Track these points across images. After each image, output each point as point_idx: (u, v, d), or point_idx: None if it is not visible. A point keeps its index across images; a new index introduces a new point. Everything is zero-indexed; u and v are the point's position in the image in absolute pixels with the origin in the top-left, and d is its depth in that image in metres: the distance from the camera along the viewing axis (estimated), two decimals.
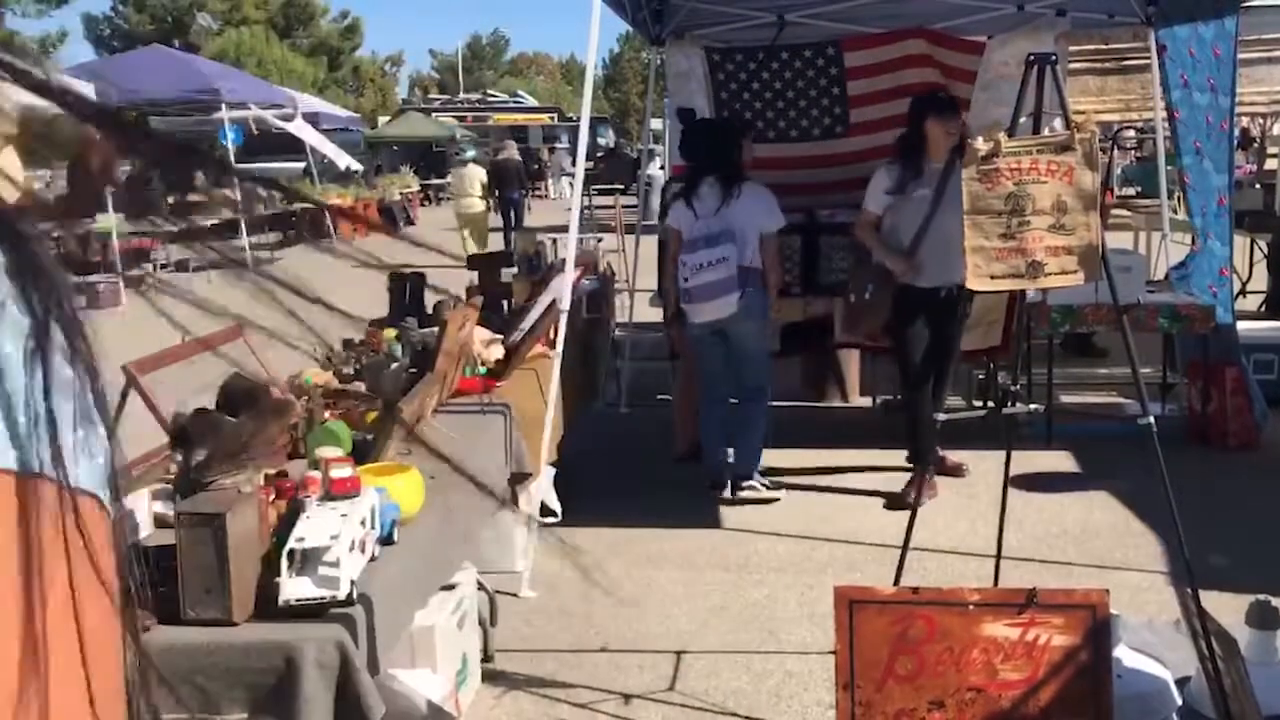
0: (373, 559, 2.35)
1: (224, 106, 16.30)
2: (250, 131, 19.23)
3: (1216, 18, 6.05)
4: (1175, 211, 9.16)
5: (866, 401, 7.16)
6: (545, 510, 4.99)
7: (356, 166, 21.34)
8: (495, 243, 15.66)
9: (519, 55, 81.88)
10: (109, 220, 13.95)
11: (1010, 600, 2.91)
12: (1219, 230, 6.22)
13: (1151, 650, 3.55)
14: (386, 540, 2.46)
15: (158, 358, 3.22)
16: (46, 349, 0.43)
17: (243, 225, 16.26)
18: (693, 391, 5.92)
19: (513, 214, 18.28)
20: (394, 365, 3.83)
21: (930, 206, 5.18)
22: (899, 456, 6.04)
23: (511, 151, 18.99)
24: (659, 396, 6.90)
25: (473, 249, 15.75)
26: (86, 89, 12.79)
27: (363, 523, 2.28)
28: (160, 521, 2.55)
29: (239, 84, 17.50)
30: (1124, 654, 3.29)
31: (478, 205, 16.48)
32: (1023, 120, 3.45)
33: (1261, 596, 3.50)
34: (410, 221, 25.18)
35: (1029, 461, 5.74)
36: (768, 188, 5.54)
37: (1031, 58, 3.38)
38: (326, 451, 2.88)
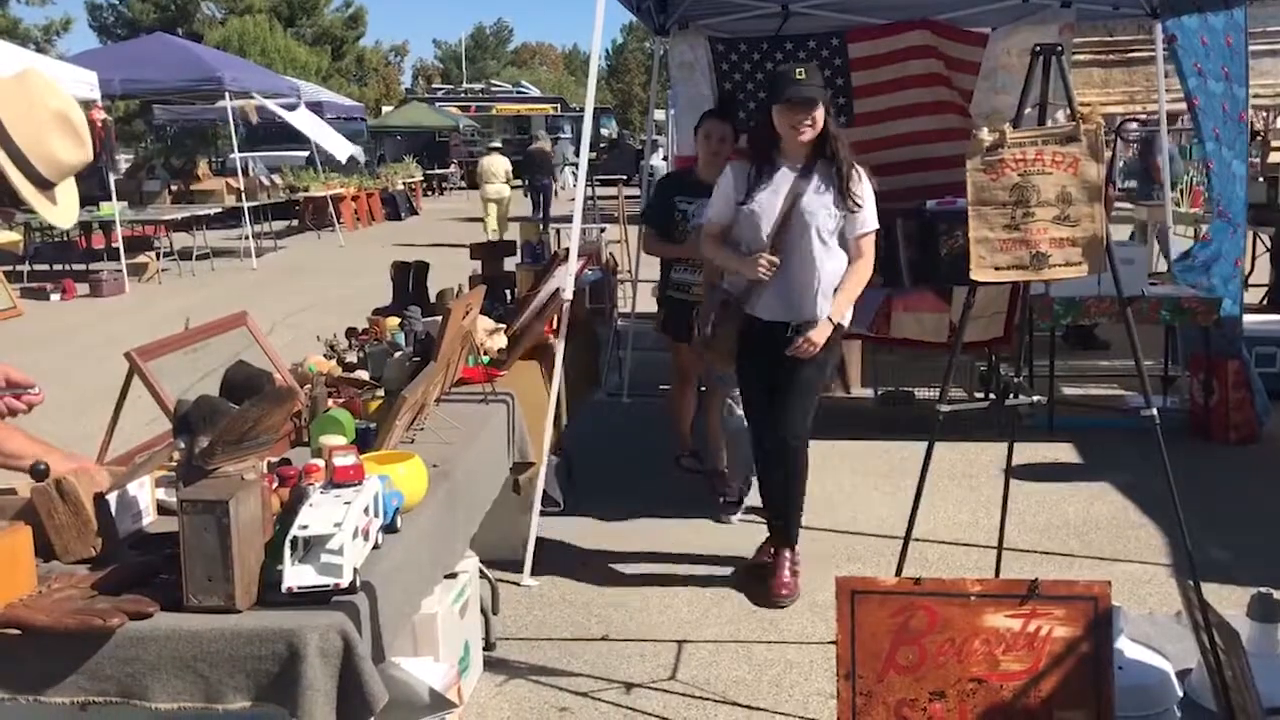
0: (376, 547, 2.35)
1: (227, 95, 16.27)
2: (250, 121, 19.21)
3: (1225, 8, 6.03)
4: (1178, 204, 9.16)
5: (869, 392, 7.16)
6: (548, 499, 5.00)
7: (360, 156, 21.31)
8: (514, 230, 16.15)
9: (522, 45, 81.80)
10: (112, 208, 13.97)
11: (1012, 591, 2.91)
12: (1239, 213, 6.19)
13: (1153, 642, 3.55)
14: (390, 528, 2.46)
15: (161, 344, 3.21)
16: None
17: (246, 214, 16.32)
18: (688, 393, 5.90)
19: (541, 198, 19.76)
20: (397, 354, 3.83)
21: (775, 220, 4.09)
22: (900, 448, 6.05)
23: (543, 142, 20.87)
24: (661, 387, 6.89)
25: (494, 228, 16.99)
26: (89, 77, 12.80)
27: (366, 510, 2.28)
28: (163, 509, 2.55)
29: (242, 73, 17.47)
30: (1125, 646, 3.30)
31: (503, 190, 17.88)
32: (1028, 111, 3.44)
33: (1263, 589, 3.51)
34: (414, 211, 25.18)
35: (1031, 453, 5.75)
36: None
37: (1038, 48, 3.37)
38: (330, 439, 2.89)
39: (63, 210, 2.35)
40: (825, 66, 6.47)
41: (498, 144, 19.97)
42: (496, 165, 17.93)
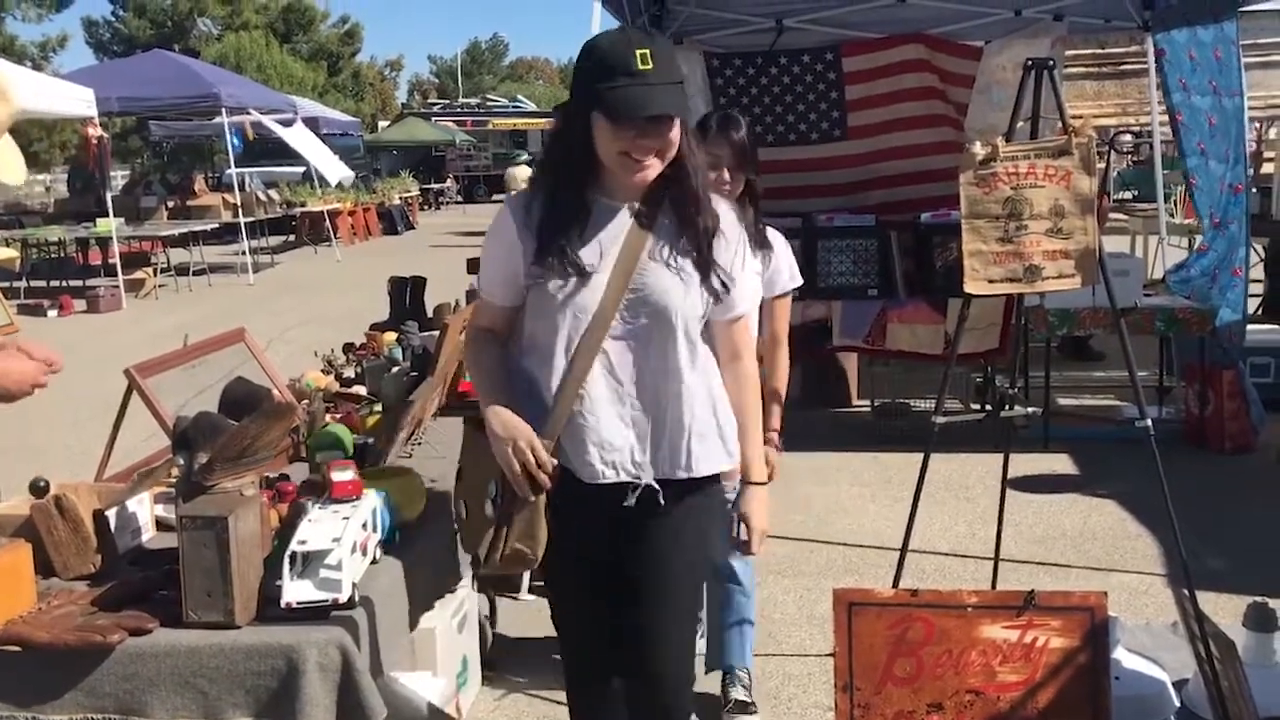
0: (374, 562, 2.36)
1: (224, 111, 16.31)
2: (247, 137, 19.25)
3: (1214, 22, 6.06)
4: (1172, 215, 9.18)
5: (865, 404, 7.18)
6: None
7: (346, 182, 21.35)
8: None
9: (518, 60, 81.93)
10: (109, 224, 13.99)
11: (1008, 602, 2.92)
12: (1236, 216, 6.20)
13: (1149, 652, 3.56)
14: (388, 543, 2.47)
15: (160, 361, 3.23)
16: None
17: (243, 229, 16.34)
18: None
19: None
20: (394, 369, 3.84)
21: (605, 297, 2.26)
22: (897, 459, 6.06)
23: None
24: None
25: None
26: (86, 94, 12.83)
27: (364, 526, 2.29)
28: (162, 525, 2.56)
29: (239, 89, 17.52)
30: (1122, 656, 3.31)
31: None
32: (1020, 124, 3.46)
33: (1259, 598, 3.52)
34: (410, 225, 25.21)
35: (1027, 464, 5.76)
36: (767, 191, 5.55)
37: (1030, 62, 3.40)
38: (328, 455, 2.90)
39: (8, 167, 2.37)
40: (819, 80, 6.51)
41: (526, 157, 22.67)
42: (521, 175, 21.21)
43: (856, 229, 6.35)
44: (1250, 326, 7.35)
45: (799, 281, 3.38)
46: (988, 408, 6.58)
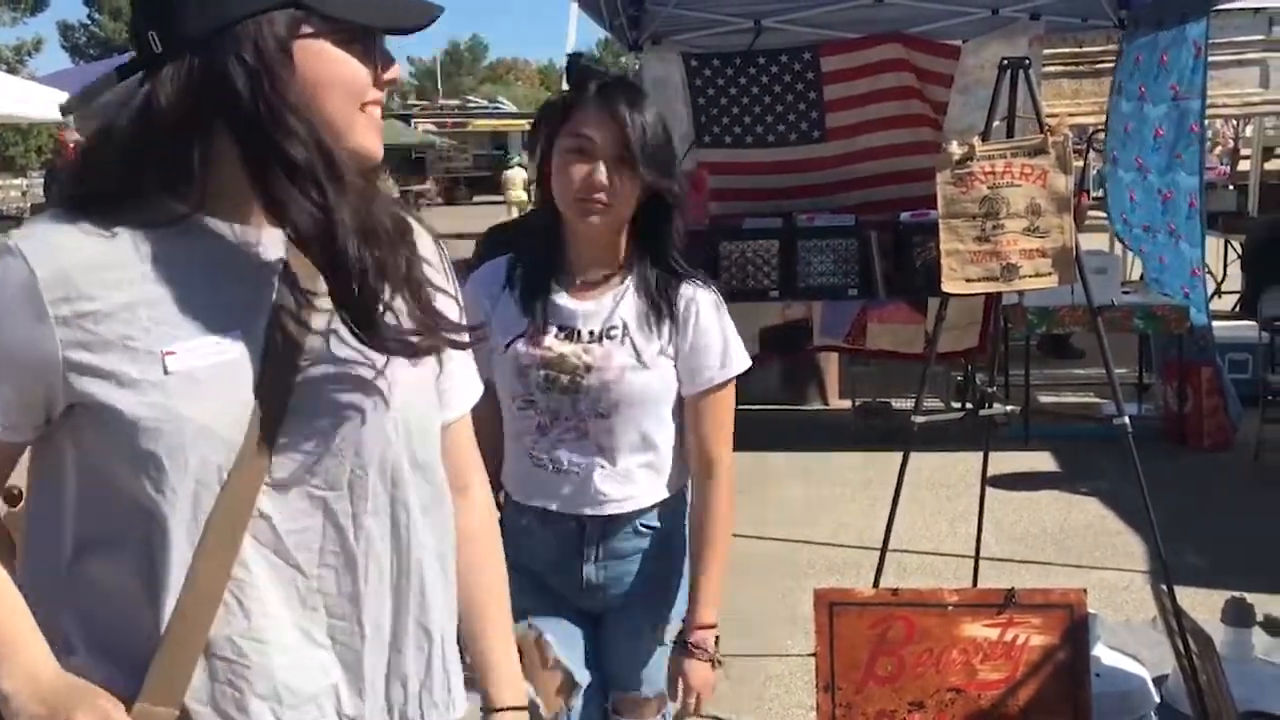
0: None
1: None
2: None
3: (1180, 23, 6.10)
4: None
5: (846, 404, 7.19)
6: None
7: None
8: None
9: (498, 61, 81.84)
10: None
11: (989, 601, 2.92)
12: (1189, 232, 6.25)
13: (1129, 649, 3.57)
14: None
15: None
16: None
17: None
18: None
19: None
20: None
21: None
22: (878, 459, 6.07)
23: None
24: None
25: None
26: (61, 98, 12.76)
27: None
28: None
29: None
30: (1102, 653, 3.31)
31: (522, 196, 22.38)
32: (997, 124, 3.47)
33: (1236, 594, 3.53)
34: None
35: (1007, 462, 5.77)
36: (746, 193, 5.55)
37: (1005, 62, 3.41)
38: None
39: None
40: (798, 80, 6.53)
41: (521, 159, 24.27)
42: (516, 177, 22.91)
43: (836, 229, 6.37)
44: (1229, 323, 7.42)
45: (743, 365, 2.12)
46: (968, 406, 6.59)
